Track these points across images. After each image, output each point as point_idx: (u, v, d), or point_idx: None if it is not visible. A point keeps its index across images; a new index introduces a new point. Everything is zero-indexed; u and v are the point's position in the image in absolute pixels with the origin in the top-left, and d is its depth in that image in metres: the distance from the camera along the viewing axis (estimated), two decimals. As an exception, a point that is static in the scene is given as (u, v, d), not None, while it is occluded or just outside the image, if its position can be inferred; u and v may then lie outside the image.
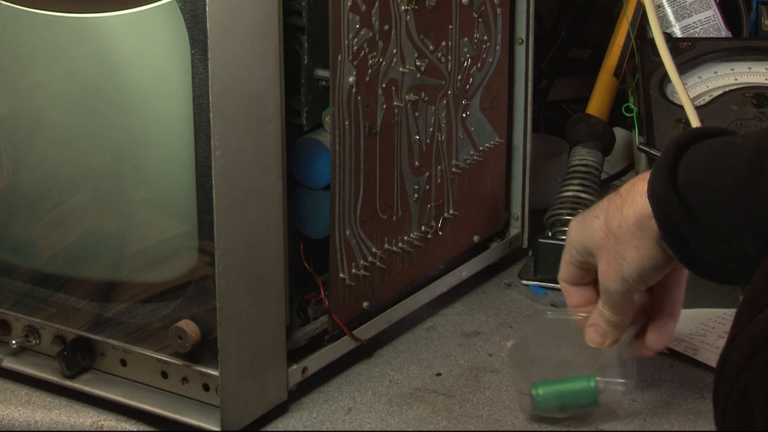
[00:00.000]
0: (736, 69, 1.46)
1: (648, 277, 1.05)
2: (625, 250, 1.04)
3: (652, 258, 1.03)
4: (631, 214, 1.02)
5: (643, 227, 1.01)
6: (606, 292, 1.09)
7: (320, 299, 1.26)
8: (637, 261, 1.04)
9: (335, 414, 1.23)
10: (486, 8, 1.40)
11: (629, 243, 1.03)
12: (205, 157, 1.11)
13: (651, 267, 1.04)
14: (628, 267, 1.04)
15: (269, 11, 1.12)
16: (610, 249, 1.06)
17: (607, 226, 1.06)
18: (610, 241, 1.05)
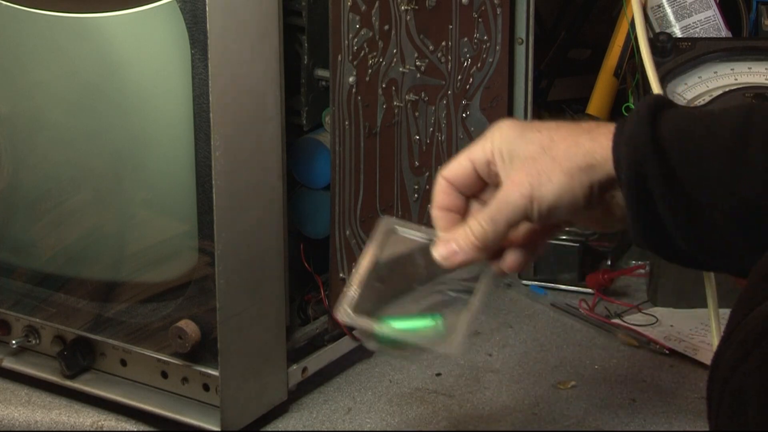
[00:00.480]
0: (736, 69, 1.46)
1: (555, 211, 0.93)
2: (556, 173, 0.92)
3: (576, 197, 0.92)
4: (587, 147, 0.92)
5: (592, 166, 0.92)
6: (500, 205, 0.94)
7: (320, 299, 1.26)
8: (559, 189, 0.92)
9: (335, 414, 1.23)
10: (486, 8, 1.40)
11: (564, 168, 0.92)
12: (205, 157, 1.11)
13: (567, 204, 0.92)
14: (547, 189, 0.92)
15: (269, 11, 1.12)
16: (539, 163, 0.93)
17: (549, 143, 0.94)
18: (544, 157, 0.93)
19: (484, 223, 0.95)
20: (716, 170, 0.87)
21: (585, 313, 1.42)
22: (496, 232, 0.95)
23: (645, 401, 1.24)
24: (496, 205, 0.94)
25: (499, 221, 0.94)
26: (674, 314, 1.41)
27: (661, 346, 1.34)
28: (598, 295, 1.44)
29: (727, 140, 0.87)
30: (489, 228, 0.94)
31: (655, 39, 1.46)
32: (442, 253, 0.96)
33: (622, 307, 1.43)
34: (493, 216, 0.94)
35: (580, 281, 1.47)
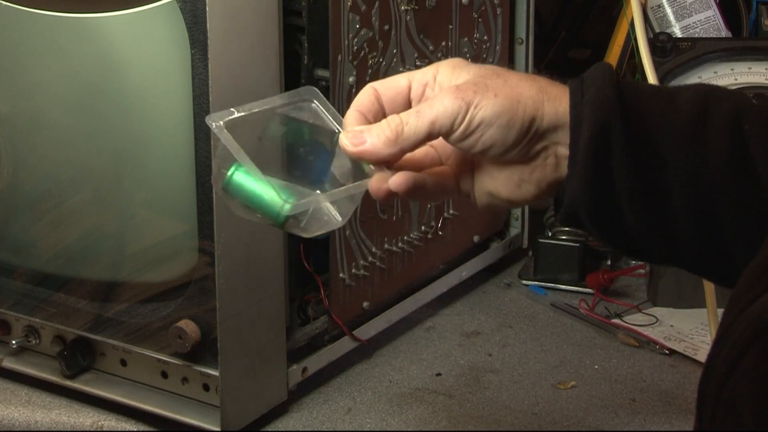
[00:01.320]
0: (736, 69, 1.46)
1: (487, 129, 0.84)
2: (503, 91, 0.85)
3: (512, 125, 0.84)
4: (540, 94, 0.85)
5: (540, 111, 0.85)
6: (432, 102, 0.85)
7: (320, 299, 1.26)
8: (501, 107, 0.84)
9: (335, 414, 1.23)
10: (486, 8, 1.40)
11: (513, 93, 0.85)
12: (205, 157, 1.11)
13: (502, 127, 0.84)
14: (488, 101, 0.84)
15: (269, 11, 1.12)
16: (487, 80, 0.85)
17: (503, 72, 0.87)
18: (495, 78, 0.86)
19: (406, 116, 0.86)
20: (677, 141, 0.84)
21: (585, 313, 1.42)
22: (416, 129, 0.85)
23: (645, 401, 1.24)
24: (428, 102, 0.86)
25: (424, 118, 0.85)
26: (674, 314, 1.41)
27: (661, 346, 1.34)
28: (598, 295, 1.44)
29: (688, 114, 0.85)
30: (411, 122, 0.85)
31: (655, 39, 1.46)
32: (350, 139, 0.86)
33: (622, 307, 1.43)
34: (421, 110, 0.85)
35: (580, 281, 1.47)
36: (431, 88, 0.88)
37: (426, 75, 0.88)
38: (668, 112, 0.85)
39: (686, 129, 0.84)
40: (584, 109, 0.84)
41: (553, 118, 0.85)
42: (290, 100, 0.90)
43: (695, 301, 1.39)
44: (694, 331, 1.38)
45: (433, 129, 0.85)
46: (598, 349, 1.35)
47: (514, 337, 1.38)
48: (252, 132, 0.89)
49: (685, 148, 0.84)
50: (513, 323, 1.41)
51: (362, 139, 0.86)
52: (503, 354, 1.34)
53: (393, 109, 0.88)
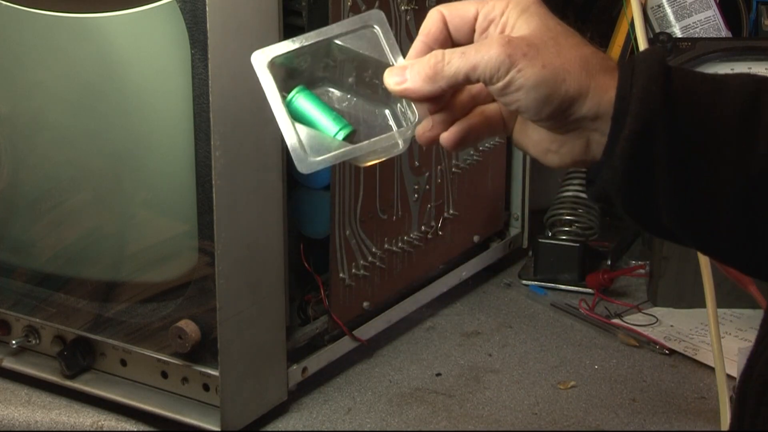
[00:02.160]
0: (736, 69, 1.46)
1: (524, 94, 0.83)
2: (552, 63, 0.82)
3: (551, 98, 0.83)
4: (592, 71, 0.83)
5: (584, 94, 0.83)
6: (479, 46, 0.84)
7: (320, 299, 1.26)
8: (545, 78, 0.82)
9: (335, 414, 1.23)
10: (486, 8, 1.40)
11: (560, 67, 0.83)
12: (205, 157, 1.11)
13: (540, 97, 0.83)
14: (534, 69, 0.83)
15: (269, 11, 1.12)
16: (542, 44, 0.83)
17: (563, 39, 0.84)
18: (550, 45, 0.83)
19: (451, 54, 0.84)
20: (725, 142, 0.82)
21: (585, 313, 1.42)
22: (456, 71, 0.84)
23: (645, 401, 1.24)
24: (477, 45, 0.84)
25: (467, 61, 0.83)
26: (674, 314, 1.41)
27: (661, 346, 1.34)
28: (598, 295, 1.44)
29: (738, 107, 0.82)
30: (454, 62, 0.84)
31: (655, 39, 1.46)
32: (393, 77, 0.86)
33: (622, 307, 1.43)
34: (466, 53, 0.83)
35: (580, 281, 1.47)
36: (496, 24, 0.86)
37: (495, 9, 0.86)
38: (718, 103, 0.83)
39: (736, 122, 0.82)
40: (631, 103, 0.82)
41: (594, 107, 0.84)
42: (351, 28, 0.89)
43: (695, 301, 1.39)
44: (694, 331, 1.38)
45: (473, 75, 0.83)
46: (598, 349, 1.35)
47: (514, 337, 1.38)
48: (306, 63, 0.89)
49: (734, 141, 0.82)
50: (513, 323, 1.41)
51: (404, 77, 0.86)
52: (503, 354, 1.34)
53: (459, 38, 0.87)
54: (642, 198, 0.83)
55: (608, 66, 0.84)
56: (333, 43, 0.89)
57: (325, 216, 1.23)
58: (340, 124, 0.89)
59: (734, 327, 1.38)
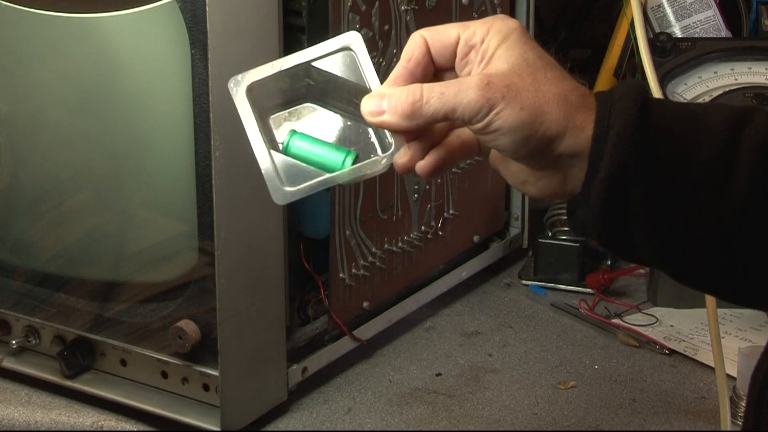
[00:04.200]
0: (736, 69, 1.46)
1: (502, 137, 0.83)
2: (530, 103, 0.82)
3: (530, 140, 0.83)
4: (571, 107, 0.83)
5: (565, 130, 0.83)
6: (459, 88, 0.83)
7: (320, 299, 1.26)
8: (523, 122, 0.82)
9: (335, 414, 1.23)
10: (486, 8, 1.40)
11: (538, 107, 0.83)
12: (205, 157, 1.11)
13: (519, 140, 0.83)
14: (512, 113, 0.82)
15: (269, 11, 1.12)
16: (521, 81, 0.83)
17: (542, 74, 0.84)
18: (529, 81, 0.83)
19: (429, 92, 0.84)
20: (702, 182, 0.83)
21: (585, 313, 1.42)
22: (434, 111, 0.84)
23: (645, 401, 1.24)
24: (455, 86, 0.84)
25: (445, 103, 0.83)
26: (674, 314, 1.41)
27: (661, 346, 1.34)
28: (598, 295, 1.44)
29: (715, 148, 0.82)
30: (432, 102, 0.84)
31: (655, 39, 1.46)
32: (369, 106, 0.86)
33: (622, 307, 1.43)
34: (444, 92, 0.84)
35: (580, 281, 1.47)
36: (476, 51, 0.86)
37: (476, 35, 0.86)
38: (695, 144, 0.83)
39: (714, 160, 0.83)
40: (606, 145, 0.83)
41: (572, 146, 0.84)
42: (329, 50, 0.89)
43: (695, 301, 1.39)
44: (694, 331, 1.38)
45: (452, 116, 0.84)
46: (598, 349, 1.35)
47: (514, 337, 1.38)
48: (285, 85, 0.89)
49: (712, 179, 0.82)
50: (513, 323, 1.41)
51: (381, 109, 0.86)
52: (503, 354, 1.34)
53: (440, 61, 0.87)
54: (619, 236, 0.84)
55: (586, 103, 0.84)
56: (311, 67, 0.89)
57: (325, 216, 1.23)
58: (343, 152, 0.88)
59: (734, 327, 1.38)
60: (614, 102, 0.84)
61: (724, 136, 0.83)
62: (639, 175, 0.82)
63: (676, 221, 0.83)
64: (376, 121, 0.86)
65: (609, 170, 0.82)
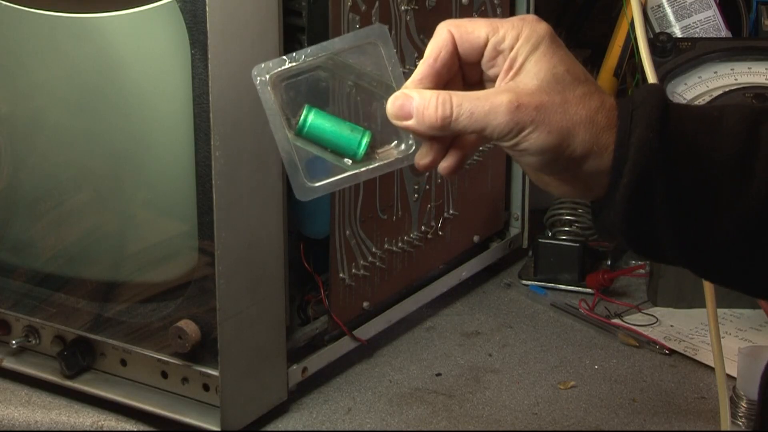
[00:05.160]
0: (736, 69, 1.46)
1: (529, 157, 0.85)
2: (557, 126, 0.83)
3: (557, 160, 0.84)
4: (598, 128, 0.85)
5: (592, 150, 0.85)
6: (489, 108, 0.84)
7: (320, 299, 1.26)
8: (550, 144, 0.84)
9: (335, 414, 1.23)
10: (486, 8, 1.40)
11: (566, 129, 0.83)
12: (205, 157, 1.11)
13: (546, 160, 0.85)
14: (541, 136, 0.83)
15: (269, 11, 1.12)
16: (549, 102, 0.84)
17: (570, 93, 0.85)
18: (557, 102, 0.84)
19: (459, 110, 0.84)
20: (722, 183, 0.84)
21: (585, 313, 1.42)
22: (464, 127, 0.84)
23: (645, 401, 1.24)
24: (485, 104, 0.84)
25: (475, 122, 0.84)
26: (674, 314, 1.41)
27: (661, 346, 1.34)
28: (598, 295, 1.44)
29: (734, 149, 0.84)
30: (462, 120, 0.84)
31: (655, 39, 1.46)
32: (395, 109, 0.86)
33: (622, 307, 1.43)
34: (474, 112, 0.84)
35: (580, 281, 1.47)
36: (504, 57, 0.85)
37: (505, 41, 0.85)
38: (714, 146, 0.84)
39: (733, 161, 0.84)
40: (629, 150, 0.84)
41: (597, 165, 0.85)
42: (354, 43, 0.89)
43: (695, 301, 1.39)
44: (694, 331, 1.38)
45: (481, 134, 0.85)
46: (598, 349, 1.35)
47: (514, 337, 1.38)
48: (305, 82, 0.89)
49: (731, 180, 0.84)
50: (513, 323, 1.41)
51: (407, 113, 0.85)
52: (503, 354, 1.34)
53: (467, 59, 0.87)
54: (644, 237, 0.86)
55: (611, 121, 0.85)
56: (335, 59, 0.88)
57: (325, 216, 1.23)
58: (359, 132, 0.88)
59: (734, 327, 1.38)
60: (635, 108, 0.85)
61: (742, 137, 0.84)
62: (662, 178, 0.84)
63: (700, 221, 0.84)
64: (401, 124, 0.86)
65: (633, 174, 0.84)
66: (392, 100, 0.86)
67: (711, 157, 0.84)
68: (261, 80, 0.86)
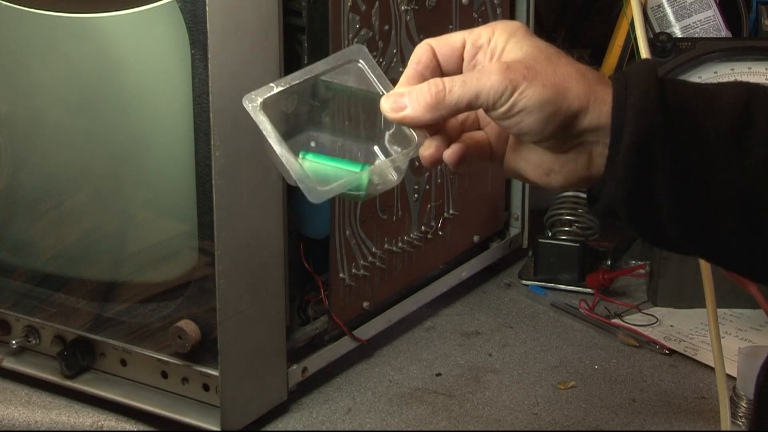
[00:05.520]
0: (736, 69, 1.46)
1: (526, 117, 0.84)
2: (551, 81, 0.84)
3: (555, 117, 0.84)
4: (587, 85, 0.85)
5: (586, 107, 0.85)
6: (480, 74, 0.84)
7: (320, 299, 1.26)
8: (547, 98, 0.83)
9: (335, 414, 1.23)
10: (486, 8, 1.40)
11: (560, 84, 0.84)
12: (205, 157, 1.11)
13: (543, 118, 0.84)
14: (536, 90, 0.83)
15: (269, 11, 1.12)
16: (538, 64, 0.84)
17: (555, 56, 0.86)
18: (545, 63, 0.85)
19: (451, 82, 0.85)
20: (720, 150, 0.83)
21: (585, 313, 1.42)
22: (459, 99, 0.84)
23: (645, 401, 1.24)
24: (476, 73, 0.85)
25: (468, 89, 0.84)
26: (674, 314, 1.41)
27: (661, 346, 1.34)
28: (598, 295, 1.44)
29: (731, 116, 0.84)
30: (455, 90, 0.85)
31: (655, 39, 1.46)
32: (390, 103, 0.87)
33: (622, 307, 1.43)
34: (467, 81, 0.84)
35: (580, 281, 1.47)
36: (484, 51, 0.87)
37: (481, 37, 0.87)
38: (711, 113, 0.84)
39: (729, 131, 0.83)
40: (627, 112, 0.84)
41: (595, 119, 0.85)
42: (335, 64, 0.90)
43: (695, 301, 1.39)
44: (694, 331, 1.38)
45: (476, 102, 0.84)
46: (598, 349, 1.35)
47: (514, 337, 1.38)
48: (294, 104, 0.89)
49: (728, 150, 0.83)
50: (513, 323, 1.41)
51: (402, 104, 0.86)
52: (503, 354, 1.34)
53: (447, 67, 0.88)
54: (646, 207, 0.85)
55: (603, 79, 0.86)
56: (320, 80, 0.89)
57: (325, 216, 1.23)
58: (358, 165, 0.89)
59: (734, 327, 1.38)
60: (629, 76, 0.85)
61: (737, 109, 0.84)
62: (662, 142, 0.83)
63: (699, 188, 0.84)
64: (399, 117, 0.86)
65: (632, 138, 0.83)
66: (385, 98, 0.87)
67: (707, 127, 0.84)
68: (252, 106, 0.87)
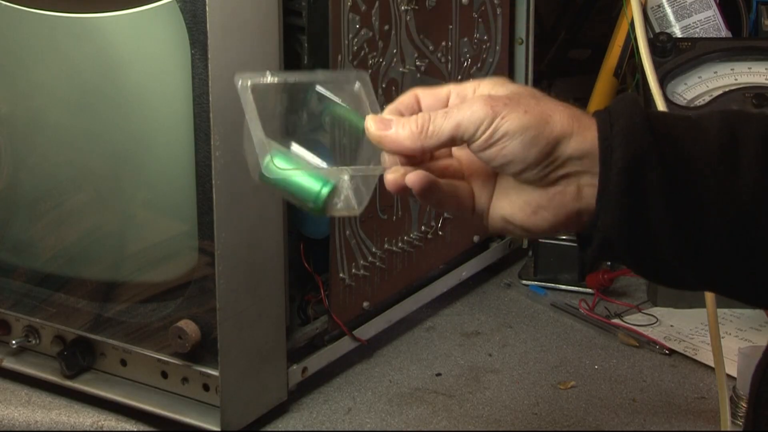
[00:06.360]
0: (736, 69, 1.46)
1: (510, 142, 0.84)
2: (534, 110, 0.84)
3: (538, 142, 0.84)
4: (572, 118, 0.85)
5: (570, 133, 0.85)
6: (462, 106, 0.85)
7: (320, 299, 1.26)
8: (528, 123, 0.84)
9: (335, 414, 1.23)
10: (486, 8, 1.40)
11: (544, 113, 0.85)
12: (205, 157, 1.11)
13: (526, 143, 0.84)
14: (517, 115, 0.84)
15: (269, 11, 1.12)
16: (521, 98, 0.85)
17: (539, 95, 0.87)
18: (528, 98, 0.86)
19: (435, 115, 0.86)
20: (709, 166, 0.83)
21: (585, 313, 1.42)
22: (441, 129, 0.85)
23: (645, 401, 1.24)
24: (458, 105, 0.86)
25: (451, 119, 0.85)
26: (674, 314, 1.41)
27: (661, 346, 1.34)
28: (598, 295, 1.44)
29: (717, 139, 0.84)
30: (438, 121, 0.86)
31: (655, 39, 1.46)
32: (375, 122, 0.87)
33: (622, 307, 1.43)
34: (449, 112, 0.85)
35: (580, 281, 1.47)
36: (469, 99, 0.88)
37: (466, 88, 0.88)
38: (697, 138, 0.84)
39: (717, 154, 0.83)
40: (615, 139, 0.83)
41: (579, 146, 0.85)
42: (335, 78, 0.90)
43: (695, 301, 1.39)
44: (694, 331, 1.38)
45: (458, 132, 0.85)
46: (598, 349, 1.35)
47: (514, 337, 1.38)
48: (283, 105, 0.89)
49: (719, 174, 0.83)
50: (513, 323, 1.41)
51: (387, 125, 0.87)
52: (503, 354, 1.34)
53: None
54: (644, 236, 0.84)
55: (587, 113, 0.86)
56: (314, 90, 0.89)
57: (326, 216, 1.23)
58: (321, 181, 0.88)
59: (734, 327, 1.38)
60: (612, 108, 0.85)
61: (723, 136, 0.84)
62: (654, 165, 0.83)
63: (692, 212, 0.83)
64: (380, 134, 0.87)
65: (624, 161, 0.83)
66: (372, 116, 0.87)
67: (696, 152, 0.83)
68: (242, 85, 0.87)
